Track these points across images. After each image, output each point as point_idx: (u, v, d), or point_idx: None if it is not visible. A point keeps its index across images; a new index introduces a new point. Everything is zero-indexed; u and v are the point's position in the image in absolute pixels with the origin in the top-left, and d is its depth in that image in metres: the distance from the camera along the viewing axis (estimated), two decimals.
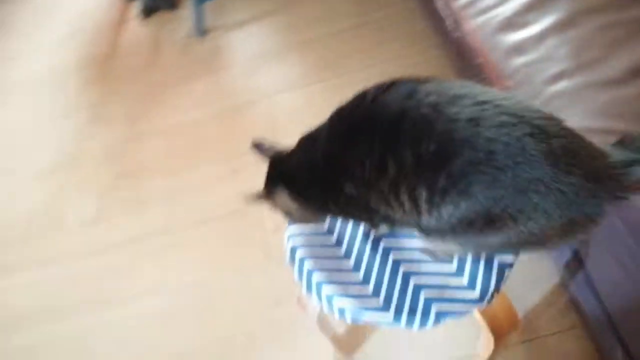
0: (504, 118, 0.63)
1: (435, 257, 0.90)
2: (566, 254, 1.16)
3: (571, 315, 1.37)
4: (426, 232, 0.79)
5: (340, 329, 1.42)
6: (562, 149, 0.64)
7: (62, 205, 1.90)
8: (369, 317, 0.91)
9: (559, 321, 1.39)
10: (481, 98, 0.66)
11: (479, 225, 0.68)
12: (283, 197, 0.93)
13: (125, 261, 1.74)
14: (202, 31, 2.16)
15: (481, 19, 1.20)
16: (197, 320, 1.59)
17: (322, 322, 1.13)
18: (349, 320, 0.95)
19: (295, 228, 1.01)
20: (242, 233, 1.72)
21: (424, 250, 0.91)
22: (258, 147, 1.00)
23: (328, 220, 1.00)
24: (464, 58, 1.23)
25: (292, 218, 0.98)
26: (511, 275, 1.42)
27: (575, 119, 1.01)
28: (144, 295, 1.67)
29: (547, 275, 1.44)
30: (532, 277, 1.45)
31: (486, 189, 0.64)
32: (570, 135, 0.67)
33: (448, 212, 0.68)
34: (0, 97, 2.24)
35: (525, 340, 1.39)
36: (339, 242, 0.98)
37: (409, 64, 1.90)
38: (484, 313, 0.94)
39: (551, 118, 0.68)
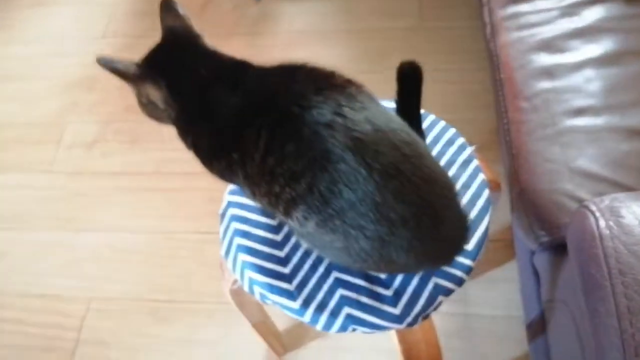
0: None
1: None
2: (534, 313, 1.00)
3: None
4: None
5: (279, 328, 1.31)
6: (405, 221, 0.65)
7: (68, 122, 1.88)
8: (276, 299, 0.80)
9: None
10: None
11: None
12: (158, 93, 0.75)
13: (102, 192, 1.69)
14: None
15: (519, 34, 1.07)
16: (142, 268, 1.52)
17: (238, 297, 1.00)
18: (257, 297, 0.84)
19: (238, 188, 0.91)
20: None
21: None
22: (169, 5, 0.79)
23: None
24: (493, 71, 1.10)
25: (146, 111, 0.81)
26: (477, 331, 1.29)
27: (584, 160, 0.87)
28: (102, 229, 1.61)
29: (515, 337, 1.27)
30: (499, 336, 1.29)
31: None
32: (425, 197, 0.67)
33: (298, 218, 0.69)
34: (52, 7, 2.25)
35: None
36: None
37: (451, 79, 1.76)
38: (402, 338, 0.80)
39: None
